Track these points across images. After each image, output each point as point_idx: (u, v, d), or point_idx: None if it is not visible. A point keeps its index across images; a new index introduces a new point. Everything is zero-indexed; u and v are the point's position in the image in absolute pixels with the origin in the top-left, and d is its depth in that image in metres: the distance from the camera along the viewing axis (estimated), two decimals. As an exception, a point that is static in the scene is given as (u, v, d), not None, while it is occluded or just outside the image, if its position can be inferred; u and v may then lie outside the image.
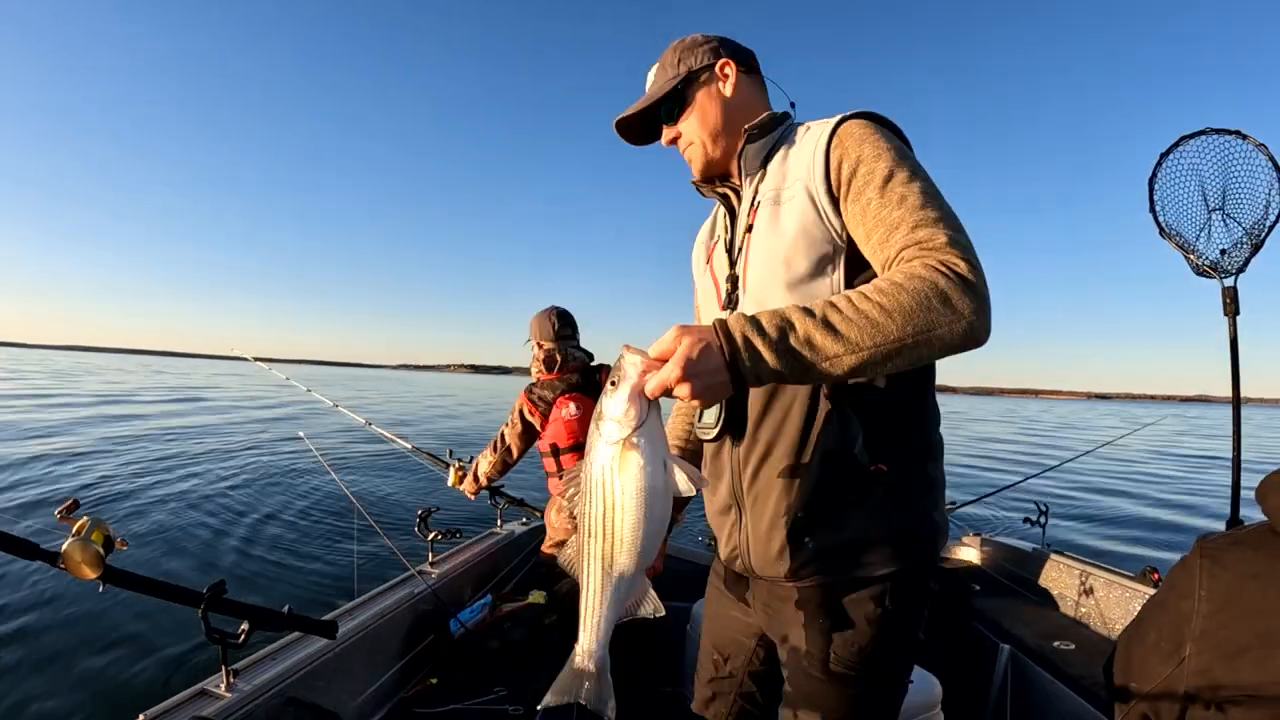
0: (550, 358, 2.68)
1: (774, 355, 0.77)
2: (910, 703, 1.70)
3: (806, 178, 0.99)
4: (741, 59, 1.13)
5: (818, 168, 0.97)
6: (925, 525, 0.99)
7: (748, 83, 1.13)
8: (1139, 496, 10.32)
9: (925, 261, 0.82)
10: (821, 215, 0.97)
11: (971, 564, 3.23)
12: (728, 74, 1.11)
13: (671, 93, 1.11)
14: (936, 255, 0.82)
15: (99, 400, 19.18)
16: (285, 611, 1.33)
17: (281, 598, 4.26)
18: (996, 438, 22.94)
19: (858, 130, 0.96)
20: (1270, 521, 0.79)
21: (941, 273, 0.80)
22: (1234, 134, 2.38)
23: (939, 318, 0.78)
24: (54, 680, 3.12)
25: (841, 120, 0.99)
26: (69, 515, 1.04)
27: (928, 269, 0.81)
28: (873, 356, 0.78)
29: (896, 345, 0.78)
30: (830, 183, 0.96)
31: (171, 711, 1.25)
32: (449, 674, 1.92)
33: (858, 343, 0.78)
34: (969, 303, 0.79)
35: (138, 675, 3.21)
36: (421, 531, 2.23)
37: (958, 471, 12.06)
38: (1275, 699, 0.70)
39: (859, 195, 0.92)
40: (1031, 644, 2.25)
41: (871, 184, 0.91)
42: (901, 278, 0.81)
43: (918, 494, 0.99)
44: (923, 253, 0.84)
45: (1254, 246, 2.35)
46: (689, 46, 1.14)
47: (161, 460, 9.16)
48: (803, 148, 1.02)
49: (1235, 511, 2.36)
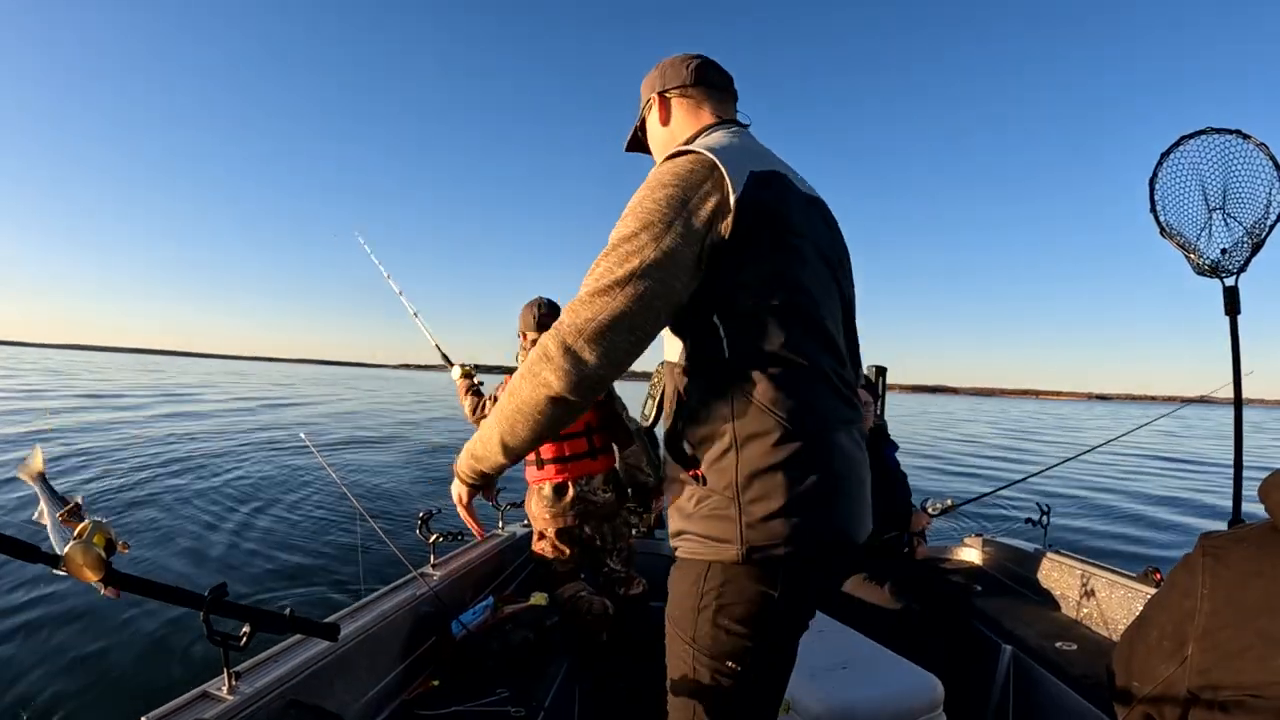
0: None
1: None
2: (912, 703, 1.71)
3: None
4: (674, 83, 1.24)
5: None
6: (736, 528, 0.99)
7: (681, 105, 1.24)
8: (1139, 495, 10.32)
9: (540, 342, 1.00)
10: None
11: (973, 564, 3.23)
12: (652, 107, 1.27)
13: (635, 129, 1.34)
14: (549, 335, 0.99)
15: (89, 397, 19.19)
16: (287, 614, 1.33)
17: (283, 600, 4.27)
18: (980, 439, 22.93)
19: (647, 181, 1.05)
20: (1273, 519, 0.79)
21: (535, 362, 0.99)
22: (1235, 133, 2.37)
23: (528, 396, 0.99)
24: (56, 682, 3.12)
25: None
26: (70, 518, 1.03)
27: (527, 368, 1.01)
28: (503, 441, 1.05)
29: (512, 425, 1.02)
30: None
31: (174, 714, 1.25)
32: (451, 676, 1.92)
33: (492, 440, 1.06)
34: (548, 368, 0.96)
35: (139, 677, 3.21)
36: (423, 533, 2.23)
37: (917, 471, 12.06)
38: (1277, 698, 0.70)
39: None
40: (1033, 644, 2.25)
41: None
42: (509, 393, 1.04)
43: (731, 497, 1.00)
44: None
45: (1254, 246, 2.34)
46: (646, 80, 1.29)
47: (160, 460, 9.16)
48: None
49: (1237, 510, 2.36)
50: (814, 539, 1.00)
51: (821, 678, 1.73)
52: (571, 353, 0.94)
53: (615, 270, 0.95)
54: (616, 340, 0.94)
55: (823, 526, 1.00)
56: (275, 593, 4.44)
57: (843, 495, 1.03)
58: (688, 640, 1.04)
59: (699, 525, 1.02)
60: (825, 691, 1.67)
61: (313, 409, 23.12)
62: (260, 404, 23.25)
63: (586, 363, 0.94)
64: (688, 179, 1.00)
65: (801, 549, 0.98)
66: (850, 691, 1.69)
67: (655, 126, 1.27)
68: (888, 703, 1.68)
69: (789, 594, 1.01)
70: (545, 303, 2.74)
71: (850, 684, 1.72)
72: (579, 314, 0.95)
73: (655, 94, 1.25)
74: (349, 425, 17.48)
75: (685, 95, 1.23)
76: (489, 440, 1.05)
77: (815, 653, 1.81)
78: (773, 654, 1.06)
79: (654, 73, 1.27)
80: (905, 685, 1.76)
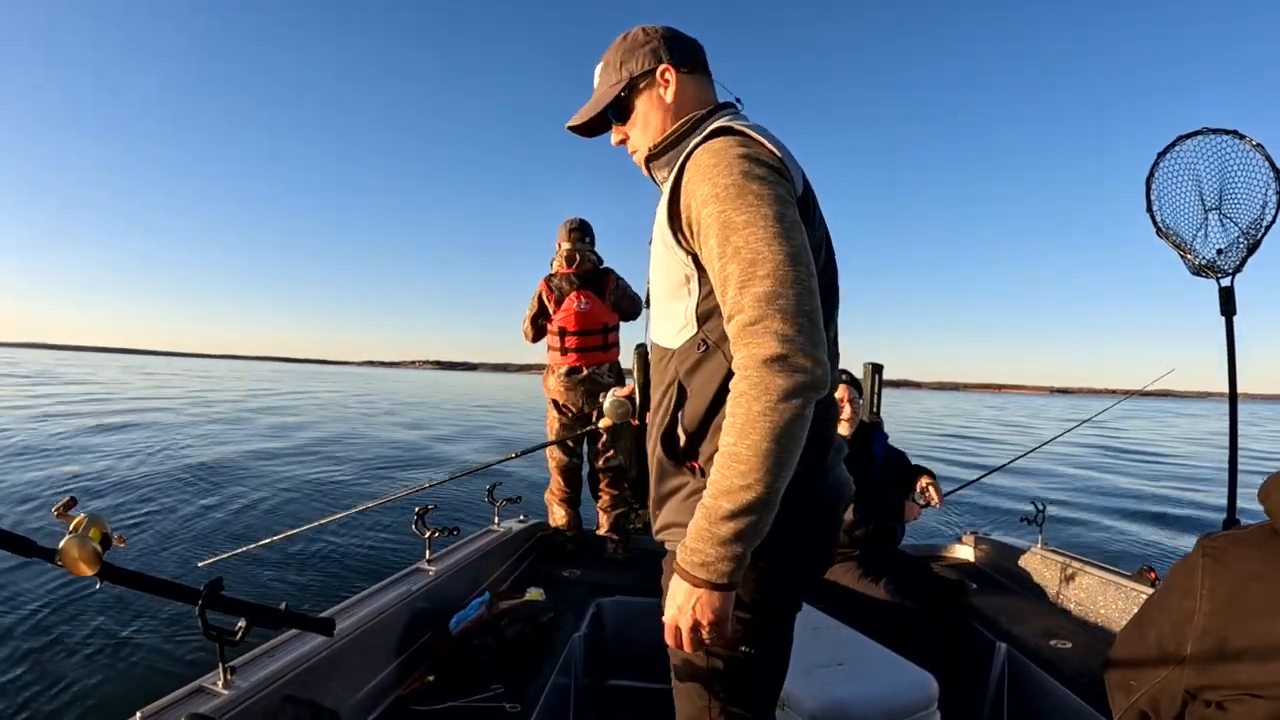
0: (570, 256, 3.29)
1: (731, 564, 0.88)
2: (907, 700, 1.71)
3: (660, 213, 1.05)
4: (682, 59, 1.12)
5: (666, 204, 1.02)
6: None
7: (690, 84, 1.13)
8: (1137, 495, 10.36)
9: (739, 383, 0.86)
10: (669, 249, 1.02)
11: (968, 562, 3.24)
12: (668, 79, 1.11)
13: (615, 99, 1.13)
14: (747, 348, 0.86)
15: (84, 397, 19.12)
16: (282, 608, 1.32)
17: (278, 595, 4.26)
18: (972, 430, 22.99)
19: (705, 158, 0.97)
20: (1272, 521, 0.79)
21: (752, 387, 0.84)
22: (1231, 134, 2.38)
23: (775, 426, 0.83)
24: (51, 677, 3.11)
25: (696, 145, 1.00)
26: (66, 512, 1.03)
27: (743, 392, 0.85)
28: (765, 489, 0.84)
29: (770, 467, 0.84)
30: (679, 219, 1.00)
31: (169, 708, 1.25)
32: (446, 671, 1.92)
33: (752, 502, 0.85)
34: (781, 386, 0.83)
35: (135, 672, 3.20)
36: (419, 528, 2.23)
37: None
38: (1276, 699, 0.70)
39: (704, 240, 0.95)
40: (1028, 642, 2.26)
41: (711, 230, 0.93)
42: (736, 427, 0.86)
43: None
44: (740, 343, 0.88)
45: (1250, 247, 2.35)
46: (630, 48, 1.13)
47: (157, 457, 9.13)
48: (671, 176, 1.04)
49: (1232, 510, 2.37)
50: (817, 512, 1.05)
51: (816, 675, 1.73)
52: (795, 365, 0.86)
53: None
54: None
55: (823, 499, 1.06)
56: (271, 587, 4.43)
57: (837, 469, 1.11)
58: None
59: (689, 516, 1.00)
60: (820, 688, 1.67)
61: (292, 404, 23.08)
62: (242, 402, 23.20)
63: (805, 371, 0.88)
64: (772, 166, 0.96)
65: (805, 526, 1.03)
66: (845, 689, 1.69)
67: (655, 104, 1.12)
68: (882, 700, 1.69)
69: (794, 570, 1.05)
70: (577, 221, 3.34)
71: (845, 681, 1.73)
72: (782, 313, 0.88)
73: (666, 65, 1.11)
74: (340, 422, 17.45)
75: (694, 73, 1.13)
76: (740, 509, 0.86)
77: (810, 650, 1.81)
78: (780, 628, 1.09)
79: (648, 41, 1.12)
80: (900, 682, 1.76)
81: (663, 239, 1.03)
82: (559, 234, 3.36)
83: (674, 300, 1.05)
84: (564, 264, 3.30)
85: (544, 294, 3.33)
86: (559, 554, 3.15)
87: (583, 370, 3.30)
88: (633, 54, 1.12)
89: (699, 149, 0.99)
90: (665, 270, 1.05)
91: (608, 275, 3.35)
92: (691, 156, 0.99)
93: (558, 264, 3.33)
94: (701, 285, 1.00)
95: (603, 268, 3.39)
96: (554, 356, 3.37)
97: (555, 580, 2.78)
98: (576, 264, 3.29)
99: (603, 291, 3.31)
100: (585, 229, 3.36)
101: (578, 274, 3.28)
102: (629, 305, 3.40)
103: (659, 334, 1.11)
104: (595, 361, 3.32)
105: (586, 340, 3.30)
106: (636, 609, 2.63)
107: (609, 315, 3.34)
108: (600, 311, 3.30)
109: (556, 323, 3.30)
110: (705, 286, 1.00)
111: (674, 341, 1.06)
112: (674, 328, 1.06)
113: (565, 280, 3.29)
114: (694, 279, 1.01)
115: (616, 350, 3.42)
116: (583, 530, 3.31)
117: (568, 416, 3.37)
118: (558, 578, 2.82)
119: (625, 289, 3.39)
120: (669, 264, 1.03)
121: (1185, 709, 0.82)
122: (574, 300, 3.25)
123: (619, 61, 1.14)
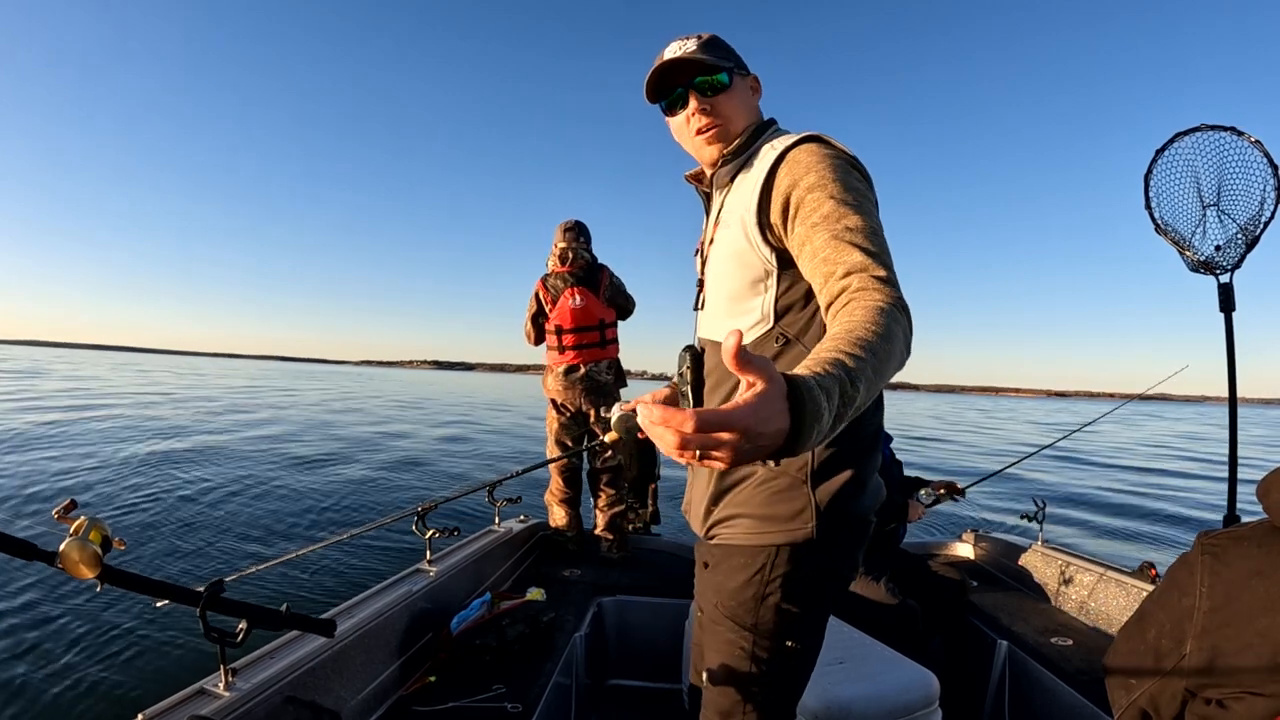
0: (564, 254, 3.33)
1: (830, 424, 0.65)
2: (908, 699, 1.71)
3: (744, 208, 1.05)
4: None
5: (755, 198, 1.03)
6: (808, 508, 1.03)
7: (758, 94, 1.21)
8: (1137, 493, 10.37)
9: (879, 300, 0.82)
10: (752, 245, 1.04)
11: (968, 560, 3.24)
12: (756, 87, 1.20)
13: (730, 67, 1.13)
14: (888, 292, 0.84)
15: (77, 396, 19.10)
16: (283, 610, 1.32)
17: (279, 596, 4.26)
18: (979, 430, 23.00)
19: (806, 156, 1.00)
20: (1271, 518, 0.79)
21: (898, 312, 0.82)
22: (1229, 130, 2.38)
23: (900, 358, 0.81)
24: (53, 679, 3.11)
25: (792, 145, 1.03)
26: (66, 515, 1.03)
27: (889, 308, 0.81)
28: (866, 401, 0.74)
29: (878, 387, 0.76)
30: (768, 212, 1.02)
31: (170, 710, 1.25)
32: (447, 672, 1.92)
33: (866, 395, 0.72)
34: (911, 340, 0.84)
35: (136, 674, 3.20)
36: (419, 529, 2.23)
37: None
38: (1276, 696, 0.70)
39: (806, 219, 0.96)
40: (1029, 640, 2.26)
41: (819, 209, 0.95)
42: (880, 325, 0.78)
43: (803, 479, 1.04)
44: (870, 287, 0.85)
45: (1249, 243, 2.35)
46: (729, 48, 1.17)
47: (157, 458, 9.13)
48: (753, 172, 1.07)
49: (1232, 507, 2.37)
50: (874, 504, 1.09)
51: (818, 674, 1.73)
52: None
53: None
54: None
55: (875, 491, 1.10)
56: (272, 589, 4.43)
57: (876, 460, 1.13)
58: (746, 628, 1.05)
59: (761, 508, 1.05)
60: (822, 687, 1.67)
61: (291, 403, 23.06)
62: (251, 400, 23.18)
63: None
64: (868, 177, 1.04)
65: (867, 516, 1.07)
66: (847, 687, 1.69)
67: (748, 99, 1.17)
68: (884, 698, 1.69)
69: (851, 561, 1.08)
70: (574, 222, 3.39)
71: (847, 680, 1.73)
72: (899, 288, 0.91)
73: (756, 76, 1.20)
74: (339, 422, 17.44)
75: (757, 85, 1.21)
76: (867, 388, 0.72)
77: (812, 648, 1.81)
78: (822, 626, 1.11)
79: (726, 46, 1.17)
80: (902, 681, 1.76)
81: (745, 234, 1.05)
82: (555, 235, 3.41)
83: (747, 298, 1.08)
84: (558, 263, 3.33)
85: (540, 293, 3.37)
86: (559, 554, 3.16)
87: (580, 368, 3.33)
88: (731, 53, 1.17)
89: (798, 147, 1.02)
90: (739, 268, 1.07)
91: (601, 271, 3.39)
92: (789, 154, 1.02)
93: (553, 263, 3.37)
94: (780, 281, 1.04)
95: (596, 264, 3.42)
96: (552, 355, 3.40)
97: (556, 580, 2.78)
98: (570, 262, 3.32)
99: (597, 288, 3.34)
100: (581, 229, 3.40)
101: (572, 272, 3.32)
102: (622, 301, 3.43)
103: (725, 332, 1.08)
104: (593, 359, 3.35)
105: (583, 337, 3.33)
106: (637, 609, 2.63)
107: (605, 311, 3.37)
108: (596, 308, 3.33)
109: (553, 321, 3.34)
110: (784, 283, 1.04)
111: (744, 339, 1.06)
112: (745, 324, 1.08)
113: (560, 278, 3.33)
114: (774, 274, 1.04)
115: (615, 347, 3.43)
116: (583, 530, 3.32)
117: (566, 415, 3.40)
118: (558, 578, 2.82)
119: (619, 285, 3.43)
120: (747, 261, 1.06)
121: (1185, 707, 0.82)
122: (569, 297, 3.29)
123: (725, 51, 1.16)
